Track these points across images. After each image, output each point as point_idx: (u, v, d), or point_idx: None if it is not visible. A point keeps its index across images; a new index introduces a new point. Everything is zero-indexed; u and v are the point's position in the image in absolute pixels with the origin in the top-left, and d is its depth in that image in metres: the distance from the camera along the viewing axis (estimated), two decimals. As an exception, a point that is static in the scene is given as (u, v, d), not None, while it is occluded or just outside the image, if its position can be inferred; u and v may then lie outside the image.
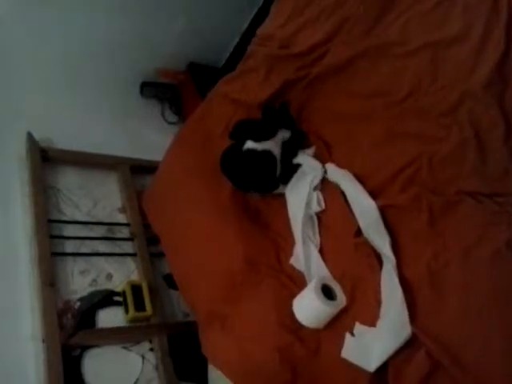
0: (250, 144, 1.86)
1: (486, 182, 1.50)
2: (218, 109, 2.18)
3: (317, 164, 1.82)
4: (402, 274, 1.50)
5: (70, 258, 2.28)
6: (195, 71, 3.16)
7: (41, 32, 2.65)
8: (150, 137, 2.93)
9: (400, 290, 1.44)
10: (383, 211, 1.60)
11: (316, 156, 1.87)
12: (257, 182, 1.89)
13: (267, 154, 1.84)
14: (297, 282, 1.76)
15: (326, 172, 1.78)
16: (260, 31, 2.12)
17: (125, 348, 2.17)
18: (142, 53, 2.99)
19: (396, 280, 1.46)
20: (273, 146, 1.86)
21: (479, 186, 1.50)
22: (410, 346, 1.41)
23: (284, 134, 1.90)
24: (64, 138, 2.57)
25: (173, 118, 3.16)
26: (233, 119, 2.08)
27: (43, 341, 1.95)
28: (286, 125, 1.91)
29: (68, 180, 2.52)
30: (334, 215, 1.73)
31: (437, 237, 1.51)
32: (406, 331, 1.39)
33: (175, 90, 3.17)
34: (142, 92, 3.12)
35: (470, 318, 1.37)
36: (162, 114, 3.14)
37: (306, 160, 1.86)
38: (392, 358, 1.42)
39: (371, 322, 1.50)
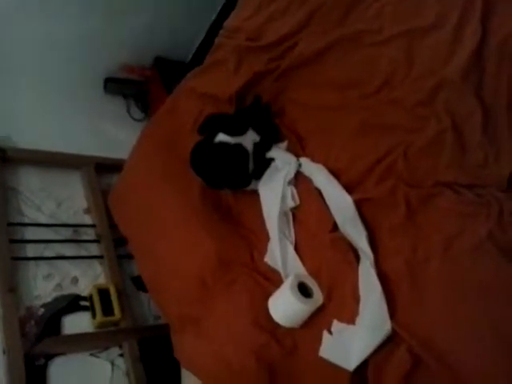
0: (221, 137, 1.78)
1: (465, 173, 1.45)
2: (185, 104, 2.10)
3: (291, 158, 1.75)
4: (380, 269, 1.44)
5: (32, 263, 2.17)
6: (162, 66, 3.06)
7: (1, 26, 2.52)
8: (116, 134, 2.83)
9: (379, 286, 1.39)
10: (359, 205, 1.54)
11: (289, 150, 1.80)
12: (229, 176, 1.81)
13: (239, 147, 1.77)
14: (272, 280, 1.69)
15: (300, 165, 1.72)
16: (227, 23, 2.04)
17: (93, 355, 2.08)
18: (106, 48, 2.88)
19: (374, 276, 1.41)
20: (245, 140, 1.79)
21: (457, 176, 1.45)
22: (390, 342, 1.36)
23: (254, 137, 1.83)
24: (24, 136, 2.46)
25: (139, 114, 3.06)
26: (202, 114, 2.00)
27: (4, 351, 1.85)
28: (259, 120, 1.84)
29: (29, 181, 2.41)
30: (308, 210, 1.67)
31: (415, 230, 1.46)
32: (386, 328, 1.34)
33: (141, 86, 3.07)
34: (105, 88, 3.01)
35: (452, 313, 1.32)
36: (128, 111, 3.04)
37: (279, 154, 1.80)
38: (372, 355, 1.37)
39: (350, 319, 1.44)
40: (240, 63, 1.93)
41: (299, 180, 1.72)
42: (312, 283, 1.59)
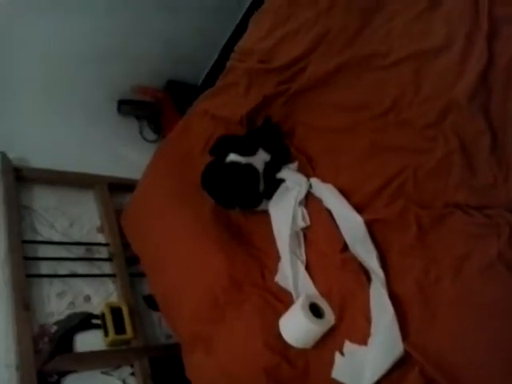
0: (232, 157, 1.81)
1: (474, 194, 1.46)
2: (197, 125, 2.13)
3: (301, 178, 1.77)
4: (391, 290, 1.45)
5: (45, 280, 2.19)
6: (174, 89, 3.12)
7: (13, 45, 2.57)
8: (129, 155, 2.87)
9: (391, 307, 1.39)
10: (369, 226, 1.55)
11: (299, 171, 1.82)
12: (239, 196, 1.84)
13: (250, 167, 1.79)
14: (282, 301, 1.70)
15: (311, 186, 1.73)
16: (239, 46, 2.08)
17: (104, 373, 2.09)
18: (120, 69, 2.94)
19: (386, 296, 1.41)
20: (255, 161, 1.81)
21: (467, 198, 1.46)
22: (402, 364, 1.36)
23: (265, 156, 1.85)
24: (39, 156, 2.50)
25: (151, 136, 3.10)
26: (213, 136, 2.03)
27: (17, 368, 1.86)
28: (270, 140, 1.86)
29: (43, 199, 2.44)
30: (319, 231, 1.68)
31: (426, 251, 1.46)
32: (398, 349, 1.34)
33: (154, 108, 3.12)
34: (119, 110, 3.05)
35: (463, 335, 1.32)
36: (141, 132, 3.08)
37: (289, 175, 1.82)
38: (385, 377, 1.36)
39: (361, 340, 1.44)
40: (250, 86, 1.97)
41: (309, 200, 1.73)
42: (323, 303, 1.60)
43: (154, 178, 2.23)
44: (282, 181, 1.85)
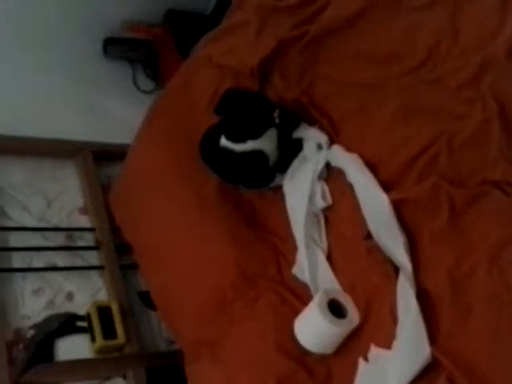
0: (234, 146, 2.04)
1: (514, 169, 1.69)
2: (200, 76, 2.38)
3: (321, 136, 2.02)
4: (420, 284, 1.69)
5: (18, 275, 2.48)
6: (175, 21, 3.33)
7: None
8: (118, 111, 3.14)
9: (416, 305, 1.63)
10: (397, 207, 1.79)
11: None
12: (246, 178, 2.11)
13: (257, 153, 2.04)
14: (301, 297, 1.96)
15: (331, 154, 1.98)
16: (252, -27, 2.30)
17: (92, 386, 2.38)
18: (106, 0, 3.18)
19: (411, 292, 1.66)
20: (262, 143, 2.06)
21: (506, 174, 1.69)
22: (431, 370, 1.61)
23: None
24: (4, 120, 2.71)
25: (147, 84, 3.37)
26: (220, 89, 2.27)
27: (-12, 380, 2.18)
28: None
29: (12, 175, 2.71)
30: (342, 212, 1.94)
31: (460, 238, 1.70)
32: (425, 354, 1.59)
33: (149, 48, 3.37)
34: (105, 51, 3.30)
35: (500, 337, 1.55)
36: (134, 81, 3.35)
37: (308, 133, 2.06)
38: (411, 385, 1.63)
39: (387, 342, 1.70)
40: (263, 27, 2.22)
41: (331, 174, 2.00)
42: (346, 300, 1.85)
43: (148, 145, 2.49)
44: (300, 144, 2.10)
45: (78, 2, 3.12)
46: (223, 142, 2.06)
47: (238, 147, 2.04)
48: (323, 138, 2.04)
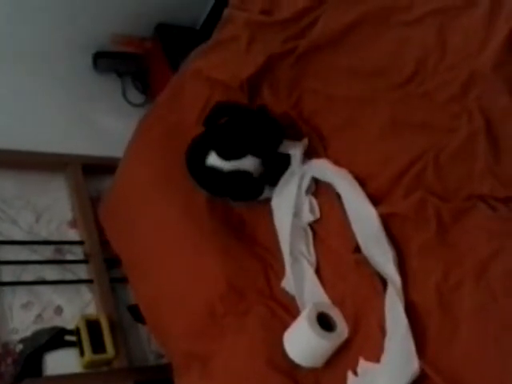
0: (215, 161, 2.08)
1: (501, 184, 1.71)
2: (190, 89, 2.41)
3: (298, 151, 2.07)
4: (408, 298, 1.71)
5: (7, 289, 2.50)
6: (165, 35, 3.36)
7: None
8: (108, 124, 3.18)
9: (404, 319, 1.65)
10: (385, 221, 1.82)
11: (308, 151, 2.09)
12: (234, 193, 2.14)
13: (240, 174, 2.08)
14: (291, 311, 1.97)
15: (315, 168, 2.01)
16: (239, -10, 2.34)
17: (81, 400, 2.41)
18: (96, 14, 3.20)
19: (400, 305, 1.68)
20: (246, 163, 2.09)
21: (493, 188, 1.72)
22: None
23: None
24: None
25: (137, 97, 3.41)
26: (209, 103, 2.30)
27: (-24, 396, 2.21)
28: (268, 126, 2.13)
29: (1, 188, 2.73)
30: (330, 225, 1.96)
31: (447, 251, 1.72)
32: (412, 367, 1.60)
33: (140, 62, 3.41)
34: (95, 65, 3.34)
35: (486, 350, 1.57)
36: (123, 94, 3.39)
37: (289, 147, 2.09)
38: (399, 399, 1.64)
39: (375, 355, 1.71)
40: (253, 41, 2.25)
41: (319, 188, 2.02)
42: (335, 314, 1.87)
43: (138, 158, 2.51)
44: (287, 159, 2.11)
45: (68, 15, 3.14)
46: (212, 159, 2.09)
47: (227, 165, 2.07)
48: (298, 152, 2.07)
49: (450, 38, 1.84)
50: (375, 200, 1.87)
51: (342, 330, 1.85)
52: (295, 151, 2.10)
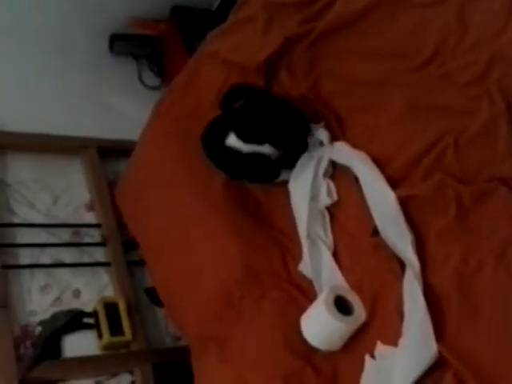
0: (235, 142, 2.07)
1: (522, 166, 1.70)
2: (207, 71, 2.40)
3: (323, 134, 2.05)
4: (427, 281, 1.70)
5: (26, 272, 2.51)
6: (181, 17, 3.36)
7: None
8: (124, 108, 3.18)
9: (423, 302, 1.65)
10: (404, 204, 1.81)
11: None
12: (251, 175, 2.14)
13: (258, 156, 2.07)
14: (308, 294, 1.97)
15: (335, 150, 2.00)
16: (255, -31, 2.32)
17: (99, 382, 2.41)
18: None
19: (419, 289, 1.67)
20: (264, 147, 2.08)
21: None
22: (438, 368, 1.62)
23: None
24: (10, 116, 2.76)
25: (153, 80, 3.40)
26: (226, 84, 2.30)
27: (-5, 377, 2.20)
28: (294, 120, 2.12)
29: (19, 171, 2.75)
30: (348, 208, 1.95)
31: (467, 235, 1.71)
32: (431, 351, 1.60)
33: (155, 44, 3.40)
34: (111, 48, 3.34)
35: (507, 333, 1.57)
36: (139, 77, 3.38)
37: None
38: (418, 383, 1.64)
39: (393, 340, 1.71)
40: (270, 23, 2.24)
41: (337, 170, 2.01)
42: (353, 297, 1.87)
43: (154, 141, 2.51)
44: (305, 143, 2.10)
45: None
46: (231, 140, 2.08)
47: (246, 147, 2.06)
48: (324, 135, 2.06)
49: (471, 20, 1.82)
50: (393, 182, 1.86)
51: (360, 313, 1.84)
52: (316, 135, 2.09)
